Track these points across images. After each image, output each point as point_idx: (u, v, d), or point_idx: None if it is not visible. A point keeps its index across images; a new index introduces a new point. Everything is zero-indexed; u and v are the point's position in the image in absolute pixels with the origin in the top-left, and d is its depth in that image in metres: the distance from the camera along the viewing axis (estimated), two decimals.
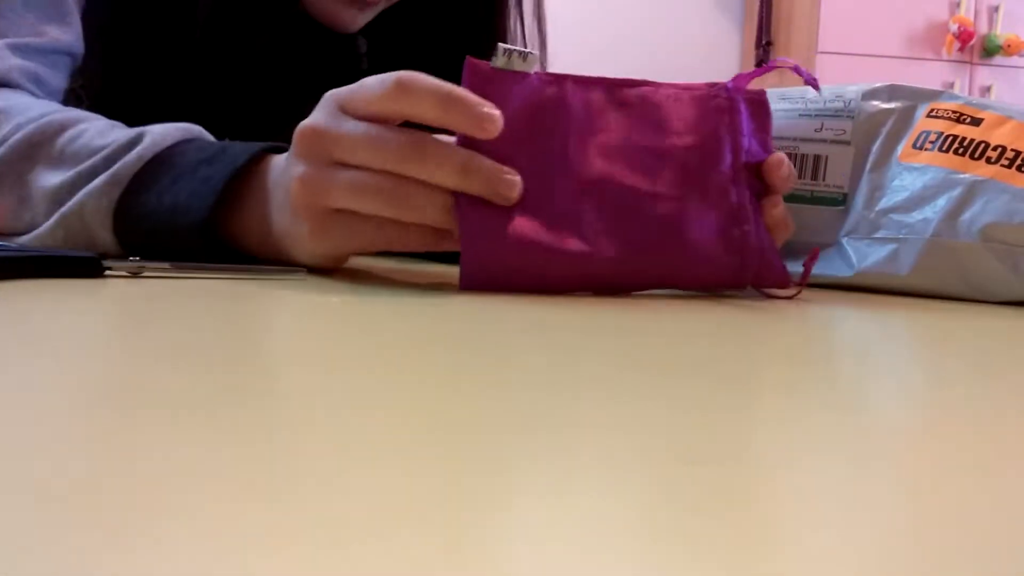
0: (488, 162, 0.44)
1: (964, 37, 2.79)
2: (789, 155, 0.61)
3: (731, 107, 0.49)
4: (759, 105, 0.51)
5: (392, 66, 0.46)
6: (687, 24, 3.11)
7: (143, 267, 0.45)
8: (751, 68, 3.30)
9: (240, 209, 0.50)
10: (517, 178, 0.44)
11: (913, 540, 0.16)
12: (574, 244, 0.45)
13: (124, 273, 0.44)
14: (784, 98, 0.62)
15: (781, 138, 0.61)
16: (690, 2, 3.16)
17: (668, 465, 0.19)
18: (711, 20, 3.14)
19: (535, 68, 0.46)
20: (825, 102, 0.61)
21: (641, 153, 0.47)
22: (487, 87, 0.45)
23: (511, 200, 0.44)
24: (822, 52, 2.81)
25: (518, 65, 0.46)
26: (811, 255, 0.51)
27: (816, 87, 0.52)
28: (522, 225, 0.45)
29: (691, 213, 0.47)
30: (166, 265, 0.45)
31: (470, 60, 0.45)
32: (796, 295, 0.51)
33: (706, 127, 0.48)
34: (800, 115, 0.61)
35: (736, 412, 0.25)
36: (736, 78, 0.50)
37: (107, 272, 0.44)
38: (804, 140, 0.61)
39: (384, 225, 0.45)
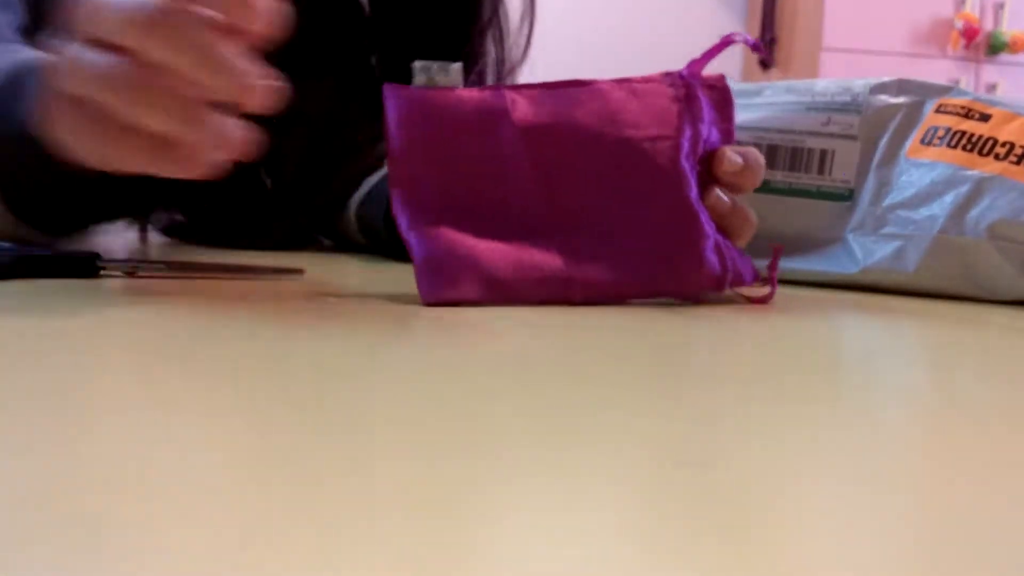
0: (241, 62, 0.36)
1: (969, 34, 2.78)
2: (795, 149, 0.60)
3: (689, 95, 0.44)
4: (719, 92, 0.47)
5: (396, 17, 0.44)
6: (688, 20, 3.10)
7: (137, 267, 0.46)
8: (754, 66, 3.26)
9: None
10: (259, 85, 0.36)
11: (916, 548, 0.15)
12: (536, 265, 0.42)
13: (118, 273, 0.45)
14: (791, 91, 0.61)
15: (788, 131, 0.60)
16: (692, 4, 3.16)
17: (666, 469, 0.19)
18: (713, 16, 3.13)
19: (459, 79, 0.43)
20: (832, 96, 0.60)
21: (599, 156, 0.43)
22: (415, 111, 0.42)
23: (247, 105, 0.37)
24: (826, 49, 2.80)
25: (441, 80, 0.43)
26: (775, 252, 0.47)
27: (764, 54, 0.49)
28: (478, 251, 0.41)
29: (659, 215, 0.44)
30: (161, 265, 0.46)
31: (387, 87, 0.42)
32: (770, 297, 0.47)
33: (667, 119, 0.44)
34: (807, 108, 0.60)
35: (739, 416, 0.25)
36: (690, 64, 0.45)
37: (101, 272, 0.44)
38: (811, 134, 0.60)
39: (110, 129, 0.37)
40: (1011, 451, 0.22)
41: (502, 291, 0.41)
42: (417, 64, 0.42)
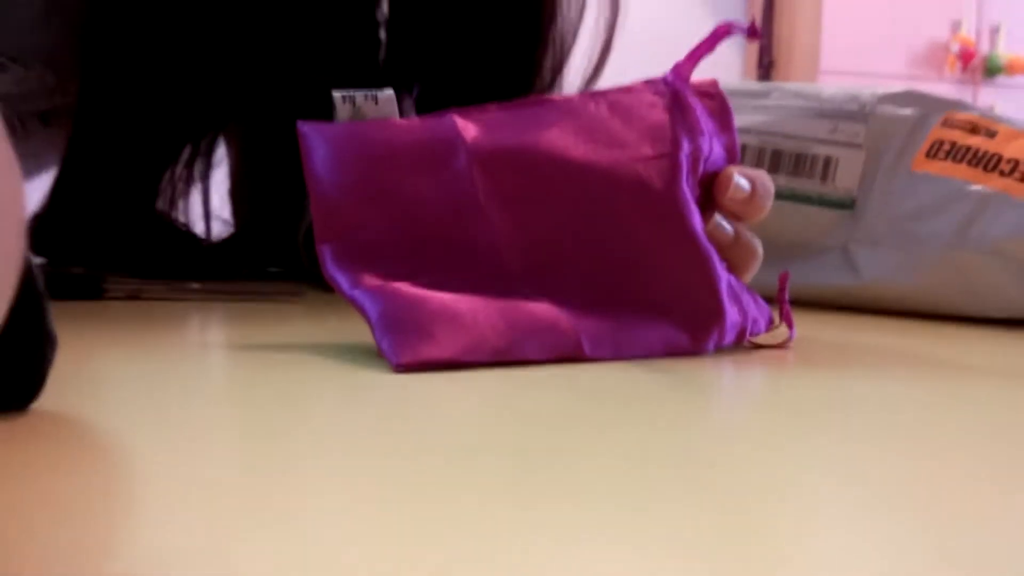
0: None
1: (966, 57, 2.79)
2: (799, 155, 0.59)
3: (679, 103, 0.37)
4: (715, 100, 0.39)
5: (415, 41, 0.40)
6: (686, 46, 3.11)
7: (141, 289, 0.46)
8: (754, 70, 3.23)
9: None
10: None
11: (924, 557, 0.15)
12: (531, 317, 0.34)
13: (121, 295, 0.45)
14: (799, 95, 0.60)
15: (793, 136, 0.59)
16: (690, 22, 3.17)
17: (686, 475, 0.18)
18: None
19: (392, 108, 0.35)
20: (840, 104, 0.59)
21: (579, 184, 0.35)
22: (343, 150, 0.35)
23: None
24: (824, 72, 2.81)
25: (370, 111, 0.35)
26: (781, 282, 0.40)
27: (756, 34, 0.38)
28: (452, 302, 0.33)
29: (661, 254, 0.36)
30: (163, 287, 0.47)
31: (303, 125, 0.35)
32: (788, 343, 0.40)
33: (659, 134, 0.36)
34: (815, 115, 0.60)
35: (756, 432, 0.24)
36: (676, 67, 0.38)
37: (105, 294, 0.45)
38: (816, 141, 0.59)
39: None
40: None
41: (495, 348, 0.33)
42: (337, 94, 0.35)
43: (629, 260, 0.36)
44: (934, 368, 0.38)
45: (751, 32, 0.37)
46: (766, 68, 2.97)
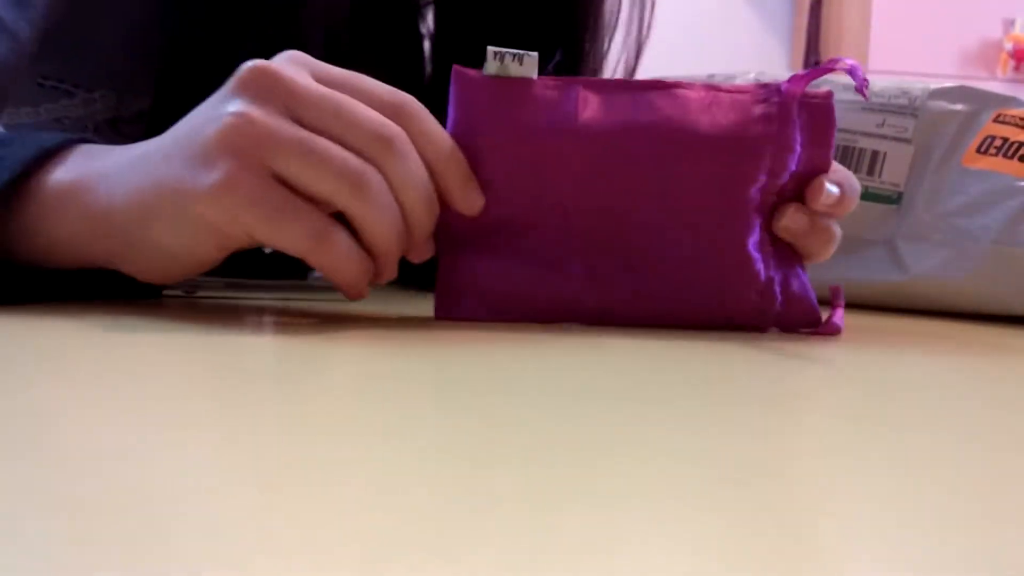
0: (465, 162, 0.39)
1: (1019, 56, 2.75)
2: (846, 148, 0.59)
3: (782, 115, 0.40)
4: (821, 112, 0.41)
5: (461, 56, 0.42)
6: (733, 43, 3.09)
7: (197, 287, 0.47)
8: (799, 68, 3.23)
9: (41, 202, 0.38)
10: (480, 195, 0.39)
11: (964, 566, 0.14)
12: (569, 287, 0.41)
13: (179, 293, 0.46)
14: (849, 88, 0.60)
15: (841, 130, 0.59)
16: (737, 21, 3.15)
17: (716, 486, 0.18)
18: (758, 39, 3.12)
19: (534, 72, 0.40)
20: (889, 97, 0.59)
21: (661, 173, 0.40)
22: (480, 101, 0.40)
23: (474, 211, 0.39)
24: (873, 71, 2.78)
25: (514, 71, 0.39)
26: (834, 294, 0.44)
27: (864, 94, 0.41)
28: (511, 268, 0.41)
29: (711, 243, 0.41)
30: (220, 284, 0.48)
31: (456, 69, 0.40)
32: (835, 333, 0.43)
33: (746, 146, 0.40)
34: (863, 108, 0.59)
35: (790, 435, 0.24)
36: (792, 80, 0.41)
37: (164, 292, 0.45)
38: (864, 134, 0.59)
39: (317, 225, 0.36)
40: None
41: (520, 316, 0.41)
42: (491, 49, 0.39)
43: (674, 245, 0.41)
44: (982, 368, 0.37)
45: (859, 87, 0.40)
46: (812, 67, 2.94)
